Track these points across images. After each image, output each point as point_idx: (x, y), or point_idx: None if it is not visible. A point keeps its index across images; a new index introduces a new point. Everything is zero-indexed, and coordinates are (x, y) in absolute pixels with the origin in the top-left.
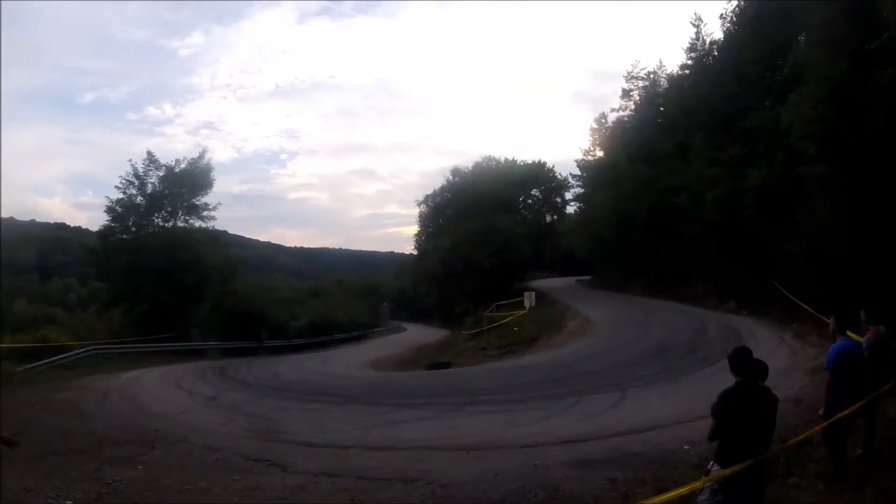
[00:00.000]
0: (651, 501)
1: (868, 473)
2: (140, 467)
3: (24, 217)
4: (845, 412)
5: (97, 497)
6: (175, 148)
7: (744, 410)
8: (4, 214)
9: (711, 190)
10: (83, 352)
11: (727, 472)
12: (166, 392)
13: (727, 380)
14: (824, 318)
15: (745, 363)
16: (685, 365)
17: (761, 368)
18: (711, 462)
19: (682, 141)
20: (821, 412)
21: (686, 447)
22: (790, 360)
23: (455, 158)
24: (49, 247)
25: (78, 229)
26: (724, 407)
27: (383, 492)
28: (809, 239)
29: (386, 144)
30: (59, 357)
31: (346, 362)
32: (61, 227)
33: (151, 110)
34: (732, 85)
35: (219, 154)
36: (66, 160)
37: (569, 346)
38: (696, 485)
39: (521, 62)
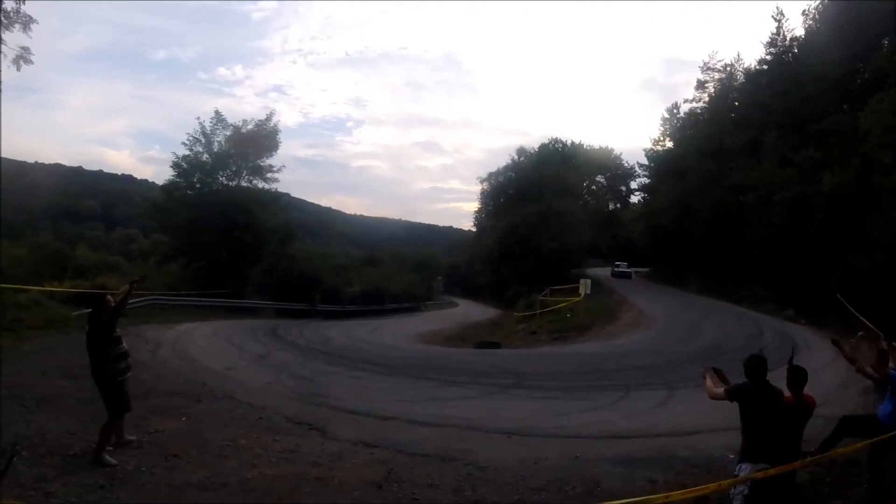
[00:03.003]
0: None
1: None
2: (184, 419)
3: (92, 167)
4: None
5: (138, 445)
6: (243, 109)
7: (764, 405)
8: (72, 163)
9: (781, 191)
10: (140, 301)
11: (758, 474)
12: (217, 347)
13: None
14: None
15: (761, 371)
16: (738, 369)
17: (801, 374)
18: (738, 465)
19: (753, 138)
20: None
21: (731, 455)
22: (844, 377)
23: (520, 138)
24: (115, 198)
25: (144, 182)
26: (741, 392)
27: (420, 468)
28: (880, 253)
29: (451, 119)
30: None
31: (396, 333)
32: (128, 178)
33: (222, 71)
34: (811, 85)
35: (286, 118)
36: (134, 115)
37: (621, 338)
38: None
39: (592, 45)
